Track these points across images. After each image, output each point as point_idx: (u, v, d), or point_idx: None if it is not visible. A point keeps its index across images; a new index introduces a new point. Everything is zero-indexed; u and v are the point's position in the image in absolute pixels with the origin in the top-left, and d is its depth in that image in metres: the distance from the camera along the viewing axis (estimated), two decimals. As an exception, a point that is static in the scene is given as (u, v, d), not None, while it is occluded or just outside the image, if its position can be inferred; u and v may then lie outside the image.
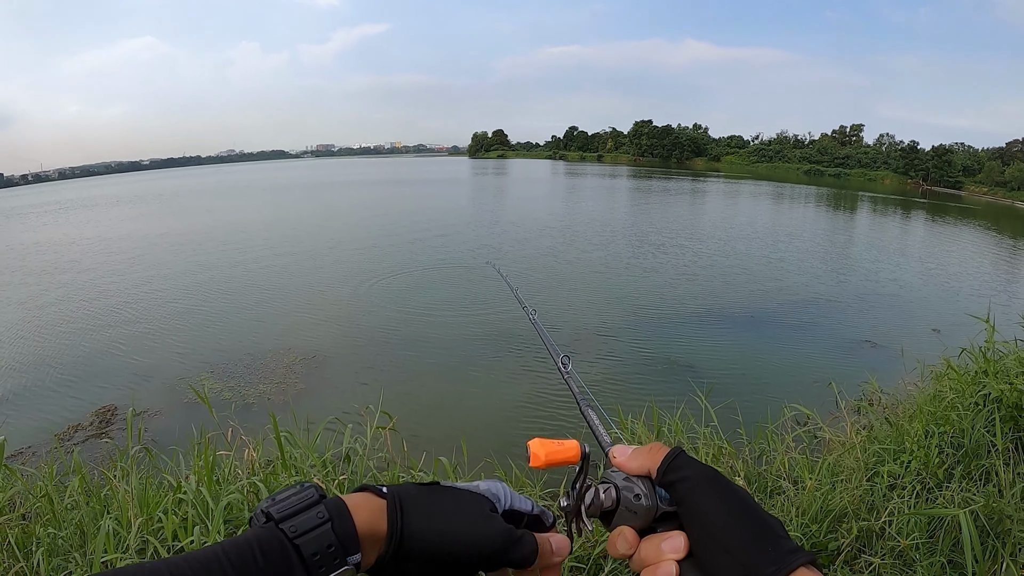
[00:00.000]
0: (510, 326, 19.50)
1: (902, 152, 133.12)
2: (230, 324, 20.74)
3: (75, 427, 13.28)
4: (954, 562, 3.91)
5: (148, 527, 3.87)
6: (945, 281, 28.37)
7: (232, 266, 30.36)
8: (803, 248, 36.00)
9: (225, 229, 44.60)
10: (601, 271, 28.87)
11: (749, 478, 5.54)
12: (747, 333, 19.60)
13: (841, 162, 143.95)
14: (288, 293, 24.83)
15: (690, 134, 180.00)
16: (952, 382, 6.37)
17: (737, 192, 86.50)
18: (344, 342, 18.70)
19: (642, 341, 18.61)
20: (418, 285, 25.79)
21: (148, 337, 19.29)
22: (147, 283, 26.77)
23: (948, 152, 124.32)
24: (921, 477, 4.79)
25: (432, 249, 34.55)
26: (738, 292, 24.65)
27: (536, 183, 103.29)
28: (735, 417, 7.22)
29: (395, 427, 5.52)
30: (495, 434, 12.23)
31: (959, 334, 10.89)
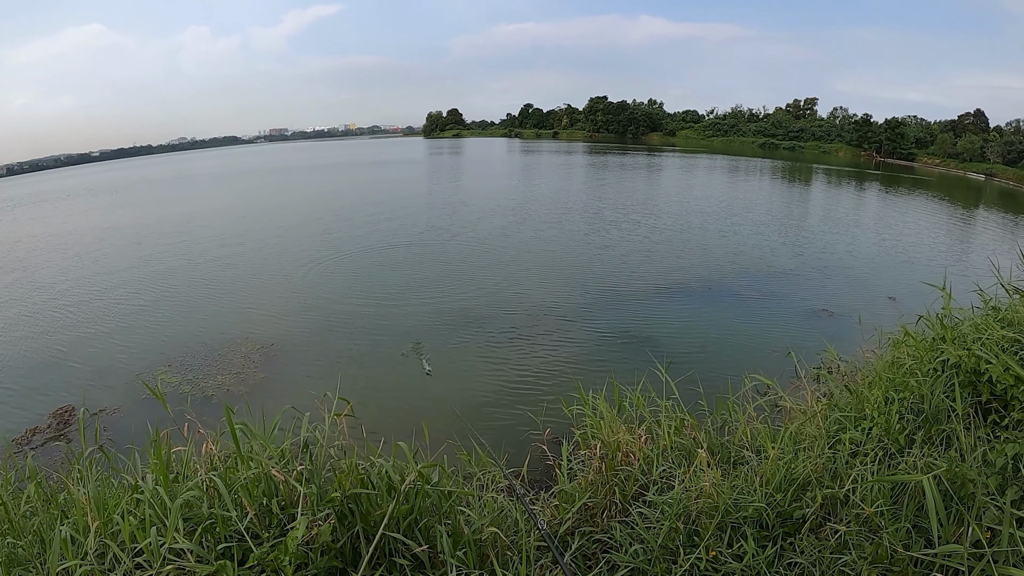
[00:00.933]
0: (465, 307, 19.48)
1: (856, 125, 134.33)
2: (185, 317, 20.51)
3: (33, 430, 13.08)
4: (919, 527, 3.91)
5: (106, 531, 3.76)
6: (900, 250, 28.79)
7: (183, 258, 30.03)
8: (759, 221, 36.32)
9: (174, 220, 44.12)
10: (556, 249, 28.94)
11: (712, 448, 5.54)
12: (705, 306, 19.73)
13: (795, 135, 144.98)
14: (242, 283, 24.62)
15: (645, 109, 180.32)
16: (910, 349, 6.39)
17: (693, 166, 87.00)
18: (301, 329, 18.58)
19: (600, 317, 18.68)
20: (372, 270, 25.73)
21: (103, 334, 19.02)
22: (99, 279, 26.40)
23: (901, 125, 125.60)
24: (883, 443, 4.79)
25: (384, 233, 34.33)
26: (695, 266, 24.82)
27: (491, 162, 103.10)
28: (696, 389, 7.23)
29: (353, 413, 5.42)
30: (455, 416, 12.19)
31: (915, 302, 10.98)
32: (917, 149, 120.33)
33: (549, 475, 6.80)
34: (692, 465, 5.00)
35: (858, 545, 3.81)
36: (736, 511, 4.35)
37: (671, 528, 4.40)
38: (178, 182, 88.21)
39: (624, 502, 5.10)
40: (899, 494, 4.19)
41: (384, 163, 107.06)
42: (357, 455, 4.88)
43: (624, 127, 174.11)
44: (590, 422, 6.23)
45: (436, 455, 5.93)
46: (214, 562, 3.40)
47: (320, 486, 4.20)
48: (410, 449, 4.76)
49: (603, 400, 6.44)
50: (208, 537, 3.79)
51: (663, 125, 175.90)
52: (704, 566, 4.09)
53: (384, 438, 5.93)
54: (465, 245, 30.18)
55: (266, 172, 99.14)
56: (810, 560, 3.93)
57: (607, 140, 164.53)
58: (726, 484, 4.60)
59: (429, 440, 5.92)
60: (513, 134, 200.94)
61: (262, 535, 3.79)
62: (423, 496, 4.36)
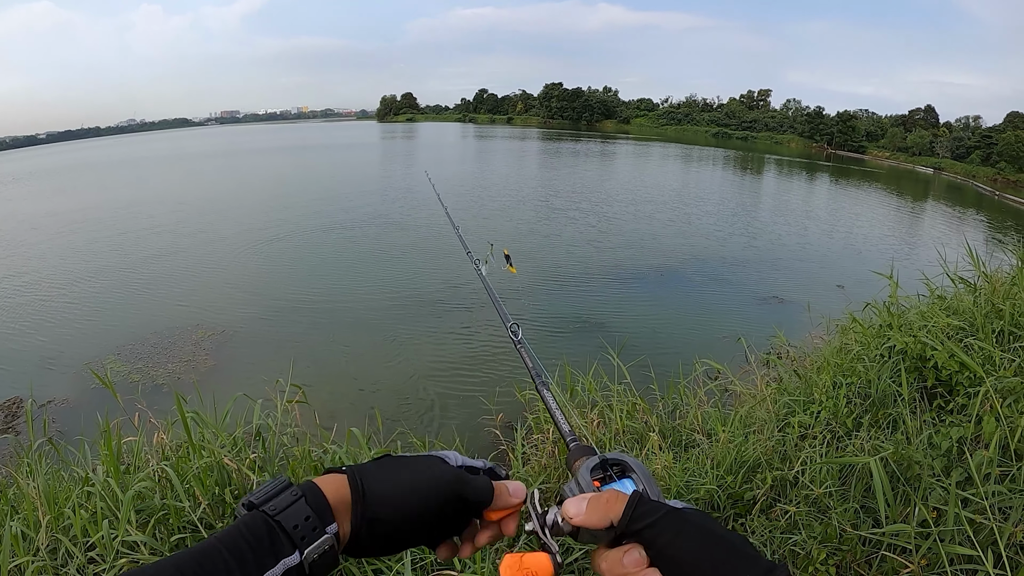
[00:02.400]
0: (417, 292, 19.44)
1: (808, 117, 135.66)
2: (133, 304, 20.08)
3: None
4: (867, 507, 3.97)
5: (57, 525, 3.69)
6: (849, 241, 29.16)
7: (129, 244, 29.26)
8: (711, 211, 36.47)
9: (119, 205, 43.09)
10: (508, 235, 28.81)
11: (664, 432, 5.58)
12: (657, 292, 19.84)
13: (748, 126, 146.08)
14: (191, 270, 24.18)
15: (600, 97, 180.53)
16: (857, 335, 6.51)
17: (646, 154, 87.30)
18: (252, 315, 18.35)
19: (553, 302, 18.70)
20: (322, 255, 25.42)
21: (49, 324, 18.54)
22: (42, 267, 25.65)
23: (852, 118, 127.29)
24: (831, 427, 4.86)
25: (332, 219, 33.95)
26: (647, 253, 24.90)
27: (444, 147, 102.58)
28: (647, 373, 7.26)
29: (306, 399, 5.39)
30: (407, 401, 12.16)
31: (862, 290, 11.14)
32: (868, 142, 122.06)
33: (503, 460, 6.81)
34: (644, 448, 5.03)
35: (808, 525, 3.86)
36: (688, 493, 4.39)
37: (624, 510, 4.42)
38: (125, 165, 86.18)
39: (576, 487, 5.11)
40: (847, 476, 4.26)
41: (336, 147, 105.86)
42: (310, 442, 4.85)
43: (579, 114, 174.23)
44: (542, 407, 6.24)
45: (389, 441, 5.92)
46: (168, 554, 3.34)
47: (274, 474, 4.17)
48: (363, 435, 4.73)
49: (555, 385, 6.46)
50: (161, 528, 3.75)
51: (617, 113, 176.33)
52: (656, 547, 4.11)
53: (337, 424, 5.89)
54: (415, 231, 29.99)
55: (214, 155, 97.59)
56: (761, 540, 3.97)
57: (561, 127, 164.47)
58: (678, 467, 4.64)
59: (382, 426, 5.91)
60: (467, 119, 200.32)
61: (216, 525, 3.76)
62: (379, 483, 4.32)
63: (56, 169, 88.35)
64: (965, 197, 60.93)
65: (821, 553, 3.52)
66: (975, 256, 6.85)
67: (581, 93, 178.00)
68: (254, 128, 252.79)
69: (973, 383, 4.60)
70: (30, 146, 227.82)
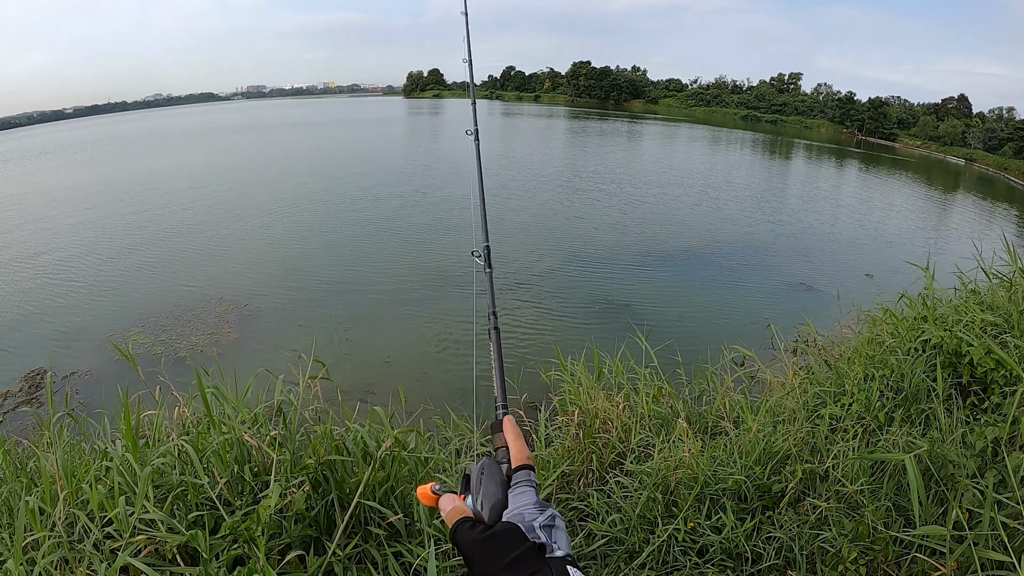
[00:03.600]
0: (442, 269, 19.40)
1: (839, 102, 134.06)
2: (158, 276, 20.21)
3: (3, 395, 12.88)
4: (898, 505, 3.91)
5: (74, 500, 3.66)
6: (878, 229, 28.88)
7: (157, 217, 29.61)
8: (738, 194, 36.18)
9: (147, 179, 43.42)
10: (538, 214, 28.78)
11: (691, 418, 5.52)
12: (685, 275, 19.72)
13: (778, 109, 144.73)
14: (217, 243, 24.33)
15: (628, 76, 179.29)
16: (890, 327, 6.40)
17: (674, 135, 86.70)
18: (276, 289, 18.40)
19: (581, 283, 18.63)
20: (348, 230, 25.49)
21: (75, 295, 18.71)
22: (72, 239, 25.89)
23: (884, 104, 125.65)
24: (863, 420, 4.79)
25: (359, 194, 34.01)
26: (675, 236, 24.76)
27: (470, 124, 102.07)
28: (674, 358, 7.19)
29: (328, 376, 5.35)
30: (431, 379, 12.15)
31: (891, 280, 11.04)
32: (899, 130, 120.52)
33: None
34: (671, 435, 4.98)
35: (838, 522, 3.81)
36: (715, 483, 4.34)
37: (649, 498, 4.38)
38: (153, 140, 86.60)
39: (601, 470, 5.08)
40: (878, 471, 4.20)
41: (363, 122, 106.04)
42: (332, 420, 4.81)
43: (606, 93, 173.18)
44: (568, 388, 6.19)
45: (412, 419, 5.87)
46: (185, 531, 3.32)
47: (294, 452, 4.13)
48: (386, 413, 4.69)
49: (582, 366, 6.39)
50: (180, 505, 3.72)
51: (646, 92, 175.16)
52: (682, 537, 4.08)
53: (360, 402, 5.86)
54: (442, 208, 30.00)
55: (240, 130, 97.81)
56: (789, 535, 3.92)
57: (589, 105, 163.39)
58: (705, 455, 4.58)
59: (405, 404, 5.87)
60: (494, 96, 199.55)
61: (234, 503, 3.73)
62: (399, 463, 4.30)
63: (81, 143, 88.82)
64: (996, 190, 60.12)
65: (852, 552, 3.46)
66: (1012, 251, 6.74)
67: (609, 72, 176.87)
68: (280, 103, 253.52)
69: (1009, 382, 4.52)
70: (57, 120, 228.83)
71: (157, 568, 3.23)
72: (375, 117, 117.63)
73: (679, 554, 4.07)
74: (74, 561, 3.29)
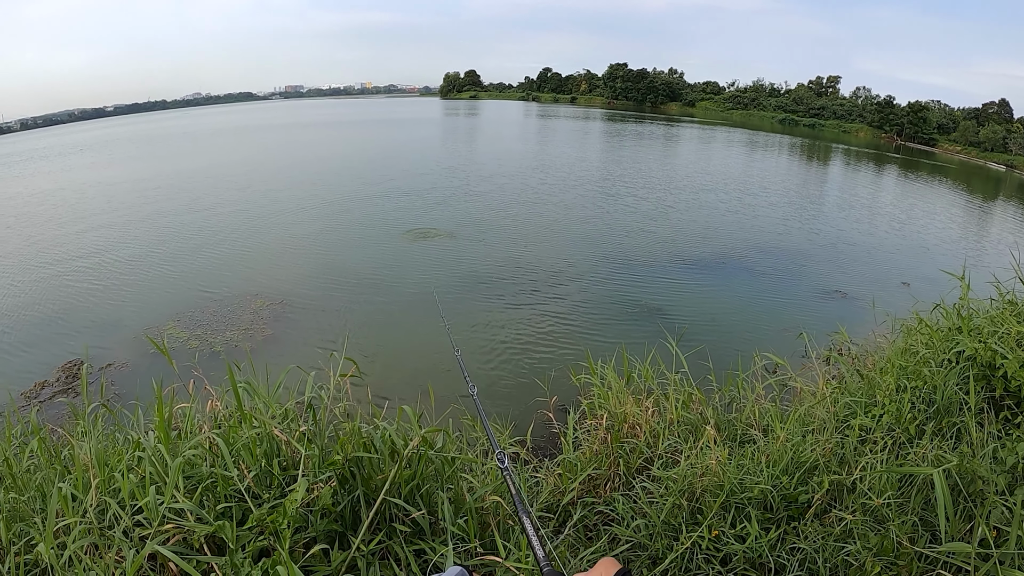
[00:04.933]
0: (475, 270, 19.45)
1: (878, 106, 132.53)
2: (195, 272, 20.50)
3: (41, 384, 13.09)
4: (925, 520, 3.88)
5: (106, 488, 3.73)
6: (915, 236, 28.49)
7: (194, 213, 30.00)
8: (774, 200, 35.84)
9: (186, 175, 44.08)
10: (570, 216, 28.77)
11: (720, 425, 5.50)
12: (718, 280, 19.61)
13: (816, 113, 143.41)
14: (254, 239, 24.63)
15: (665, 78, 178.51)
16: (924, 337, 6.34)
17: (711, 139, 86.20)
18: (311, 286, 18.56)
19: (612, 286, 18.60)
20: (384, 230, 25.57)
21: (114, 288, 19.04)
22: (110, 234, 26.30)
23: (924, 109, 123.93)
24: (893, 432, 4.75)
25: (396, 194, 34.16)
26: (709, 240, 24.63)
27: (507, 125, 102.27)
28: (705, 364, 7.18)
29: (360, 373, 5.38)
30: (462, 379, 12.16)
31: (928, 289, 10.91)
32: (938, 135, 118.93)
33: (554, 443, 6.80)
34: (699, 441, 4.97)
35: (863, 535, 3.79)
36: (741, 491, 4.33)
37: (675, 504, 4.40)
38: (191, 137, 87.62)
39: (628, 475, 5.10)
40: (906, 485, 4.16)
41: (400, 122, 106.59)
42: (361, 417, 4.85)
43: (643, 95, 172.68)
44: (598, 392, 6.20)
45: (441, 419, 5.91)
46: (213, 522, 3.38)
47: (322, 448, 4.18)
48: (415, 412, 4.71)
49: (612, 370, 6.40)
50: (209, 496, 3.78)
51: (682, 95, 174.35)
52: (706, 545, 4.08)
53: (389, 400, 5.90)
54: (476, 208, 30.06)
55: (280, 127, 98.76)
56: (813, 547, 3.91)
57: (625, 108, 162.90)
58: (732, 463, 4.57)
59: (435, 403, 5.90)
60: (531, 98, 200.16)
61: (262, 496, 3.78)
62: (426, 462, 4.34)
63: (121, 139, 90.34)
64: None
65: (876, 567, 3.45)
66: (1051, 262, 6.65)
67: (646, 74, 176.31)
68: (318, 102, 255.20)
69: (1044, 397, 4.47)
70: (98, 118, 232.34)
71: (184, 556, 3.30)
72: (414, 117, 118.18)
73: (702, 562, 4.07)
74: (103, 547, 3.36)
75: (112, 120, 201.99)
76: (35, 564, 3.41)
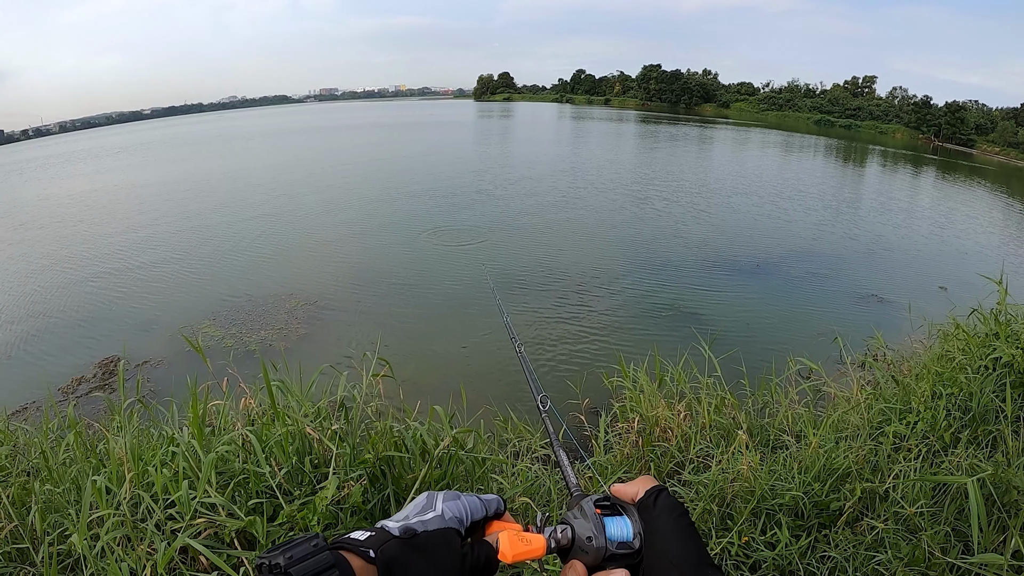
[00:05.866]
0: (508, 272, 19.45)
1: (915, 107, 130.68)
2: (230, 271, 20.69)
3: (79, 380, 13.26)
4: (958, 531, 3.84)
5: (140, 481, 3.80)
6: (953, 240, 28.02)
7: (229, 214, 30.21)
8: (810, 204, 35.41)
9: (220, 176, 44.62)
10: (603, 218, 28.65)
11: (752, 430, 5.48)
12: (753, 284, 19.44)
13: (852, 113, 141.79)
14: (289, 239, 24.82)
15: (699, 79, 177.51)
16: (960, 343, 6.28)
17: (746, 140, 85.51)
18: (345, 286, 18.65)
19: (645, 289, 18.48)
20: (417, 231, 25.59)
21: (151, 286, 19.27)
22: (148, 234, 26.64)
23: (961, 109, 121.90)
24: (927, 440, 4.71)
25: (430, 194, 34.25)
26: (743, 244, 24.40)
27: (540, 127, 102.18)
28: (738, 368, 7.12)
29: (392, 374, 5.42)
30: (493, 380, 12.17)
31: (966, 293, 10.78)
32: (976, 136, 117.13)
33: (585, 446, 6.78)
34: (731, 446, 4.95)
35: (895, 544, 3.75)
36: (772, 497, 4.30)
37: (705, 510, 4.38)
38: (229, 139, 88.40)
39: (659, 479, 5.07)
40: (939, 494, 4.12)
41: (434, 124, 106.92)
42: (393, 417, 4.89)
43: (677, 97, 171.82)
44: (630, 395, 6.20)
45: (472, 419, 5.94)
46: (244, 517, 3.42)
47: (354, 447, 4.23)
48: (446, 413, 4.74)
49: (644, 373, 6.39)
50: (241, 492, 3.83)
51: (717, 96, 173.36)
52: (735, 551, 4.06)
53: (421, 400, 5.93)
54: (510, 209, 30.04)
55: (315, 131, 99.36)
56: (844, 555, 3.88)
57: (659, 109, 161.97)
58: (764, 468, 4.55)
59: (467, 404, 5.92)
60: (564, 99, 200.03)
61: (293, 492, 3.82)
62: (456, 462, 4.37)
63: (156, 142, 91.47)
64: (1081, 201, 58.31)
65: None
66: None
67: (680, 75, 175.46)
68: (352, 105, 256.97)
69: (1081, 405, 4.41)
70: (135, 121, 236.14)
71: (215, 550, 3.36)
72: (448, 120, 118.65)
73: (731, 568, 4.05)
74: (136, 539, 3.42)
75: (148, 123, 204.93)
76: (68, 554, 3.50)
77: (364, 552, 1.13)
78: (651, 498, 1.28)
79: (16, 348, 15.23)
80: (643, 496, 1.30)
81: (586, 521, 1.26)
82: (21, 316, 17.32)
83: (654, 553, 1.20)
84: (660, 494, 1.28)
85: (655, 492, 1.29)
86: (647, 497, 1.29)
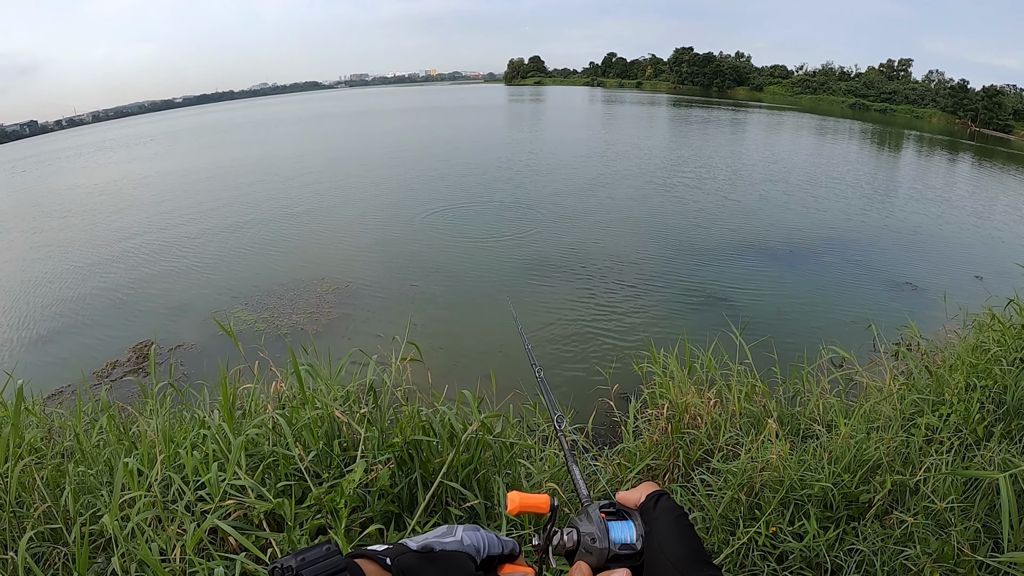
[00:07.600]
0: (540, 256, 19.44)
1: (951, 91, 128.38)
2: (263, 256, 20.94)
3: (113, 364, 13.52)
4: (989, 527, 3.80)
5: (171, 463, 3.86)
6: (990, 228, 27.60)
7: (262, 199, 30.59)
8: (844, 192, 34.93)
9: (252, 163, 44.99)
10: (634, 203, 28.53)
11: (782, 419, 5.44)
12: (785, 270, 19.29)
13: (888, 97, 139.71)
14: (321, 223, 25.06)
15: (732, 62, 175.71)
16: (996, 334, 6.19)
17: (780, 124, 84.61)
18: (376, 270, 18.77)
19: (677, 274, 18.41)
20: (449, 214, 25.69)
21: (184, 271, 19.58)
22: (183, 219, 27.07)
23: (999, 93, 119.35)
24: (960, 433, 4.66)
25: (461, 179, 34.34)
26: (776, 231, 24.20)
27: (571, 111, 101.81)
28: (770, 355, 7.07)
29: (421, 358, 5.44)
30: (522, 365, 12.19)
31: (1003, 283, 10.63)
32: (1015, 121, 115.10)
33: (614, 432, 6.79)
34: (760, 435, 4.92)
35: (924, 539, 3.72)
36: (801, 488, 4.27)
37: (733, 498, 4.37)
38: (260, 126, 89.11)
39: (687, 466, 5.08)
40: (970, 489, 4.08)
41: (464, 108, 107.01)
42: (421, 401, 4.91)
43: (710, 80, 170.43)
44: (659, 381, 6.17)
45: (501, 404, 5.94)
46: (273, 499, 3.46)
47: (382, 430, 4.26)
48: (475, 397, 4.75)
49: (674, 360, 6.35)
50: (270, 474, 3.88)
51: (750, 79, 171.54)
52: (763, 541, 4.05)
53: (450, 384, 5.96)
54: (542, 194, 30.01)
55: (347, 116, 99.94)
56: (872, 549, 3.86)
57: (691, 93, 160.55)
58: (793, 458, 4.52)
59: (496, 389, 5.93)
60: (595, 83, 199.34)
61: (322, 475, 3.86)
62: (484, 447, 4.39)
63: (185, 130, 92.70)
64: (1123, 190, 57.23)
65: (935, 573, 3.39)
66: None
67: (712, 58, 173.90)
68: (384, 90, 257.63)
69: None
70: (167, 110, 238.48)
71: (243, 532, 3.42)
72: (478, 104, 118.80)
73: (758, 558, 4.05)
74: (166, 520, 3.47)
75: (180, 111, 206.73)
76: (100, 534, 3.55)
77: (381, 560, 1.18)
78: (652, 501, 1.36)
79: (54, 332, 15.50)
80: (644, 500, 1.37)
81: (591, 525, 1.33)
82: (59, 304, 17.69)
83: (654, 553, 1.27)
84: (660, 498, 1.36)
85: (656, 496, 1.37)
86: (648, 501, 1.36)
